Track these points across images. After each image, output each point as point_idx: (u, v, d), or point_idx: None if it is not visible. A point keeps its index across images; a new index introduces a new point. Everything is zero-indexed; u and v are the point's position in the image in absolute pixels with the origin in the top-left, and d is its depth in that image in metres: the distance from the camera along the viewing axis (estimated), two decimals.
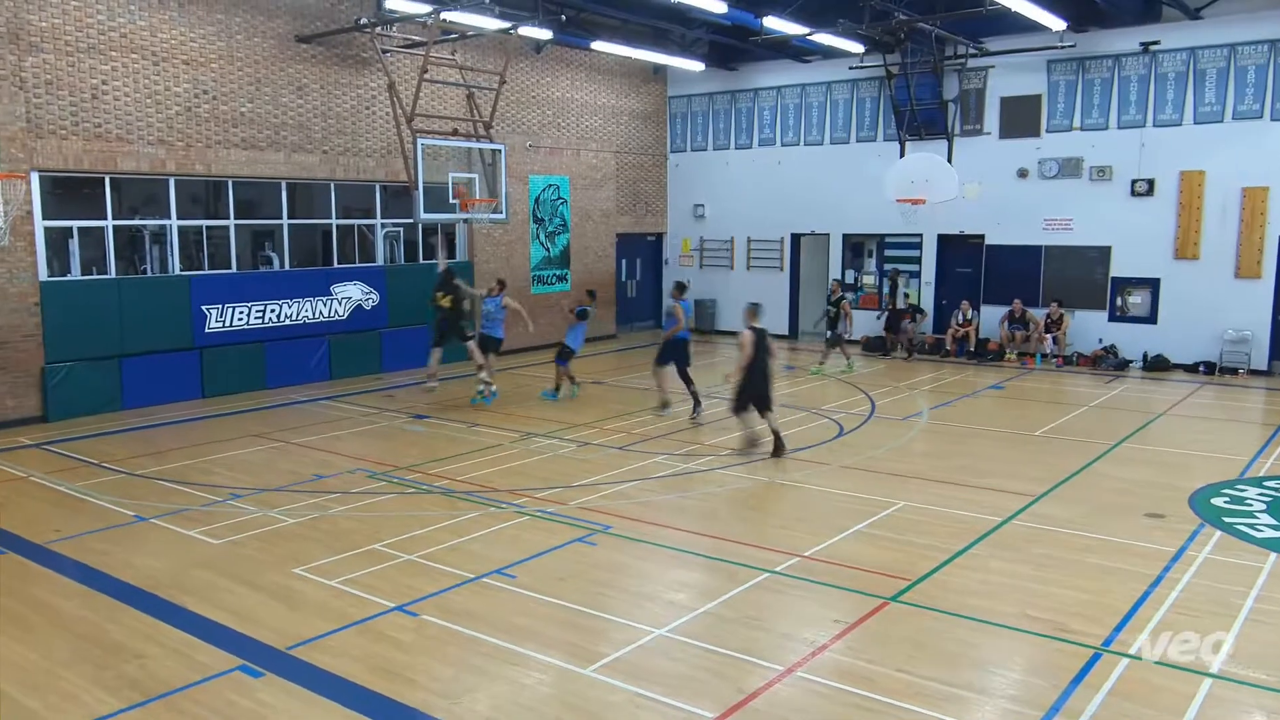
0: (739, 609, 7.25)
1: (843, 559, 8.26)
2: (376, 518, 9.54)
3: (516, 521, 9.40)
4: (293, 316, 16.98)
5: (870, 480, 10.81)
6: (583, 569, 8.10)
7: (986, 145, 20.35)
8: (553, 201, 22.06)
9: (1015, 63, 19.70)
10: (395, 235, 19.06)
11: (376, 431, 13.60)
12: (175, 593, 7.61)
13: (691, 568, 8.30)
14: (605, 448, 12.43)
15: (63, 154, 13.96)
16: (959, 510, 9.65)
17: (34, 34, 13.53)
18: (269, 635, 6.81)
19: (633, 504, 9.99)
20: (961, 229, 20.89)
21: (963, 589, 7.62)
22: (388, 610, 7.21)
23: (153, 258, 15.65)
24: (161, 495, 10.34)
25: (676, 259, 25.41)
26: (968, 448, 12.55)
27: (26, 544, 8.81)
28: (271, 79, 16.37)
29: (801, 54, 22.09)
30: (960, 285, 21.13)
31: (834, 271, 22.85)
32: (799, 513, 9.80)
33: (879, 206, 20.16)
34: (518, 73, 20.39)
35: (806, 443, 12.60)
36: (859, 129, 22.19)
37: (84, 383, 14.33)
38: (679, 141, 25.08)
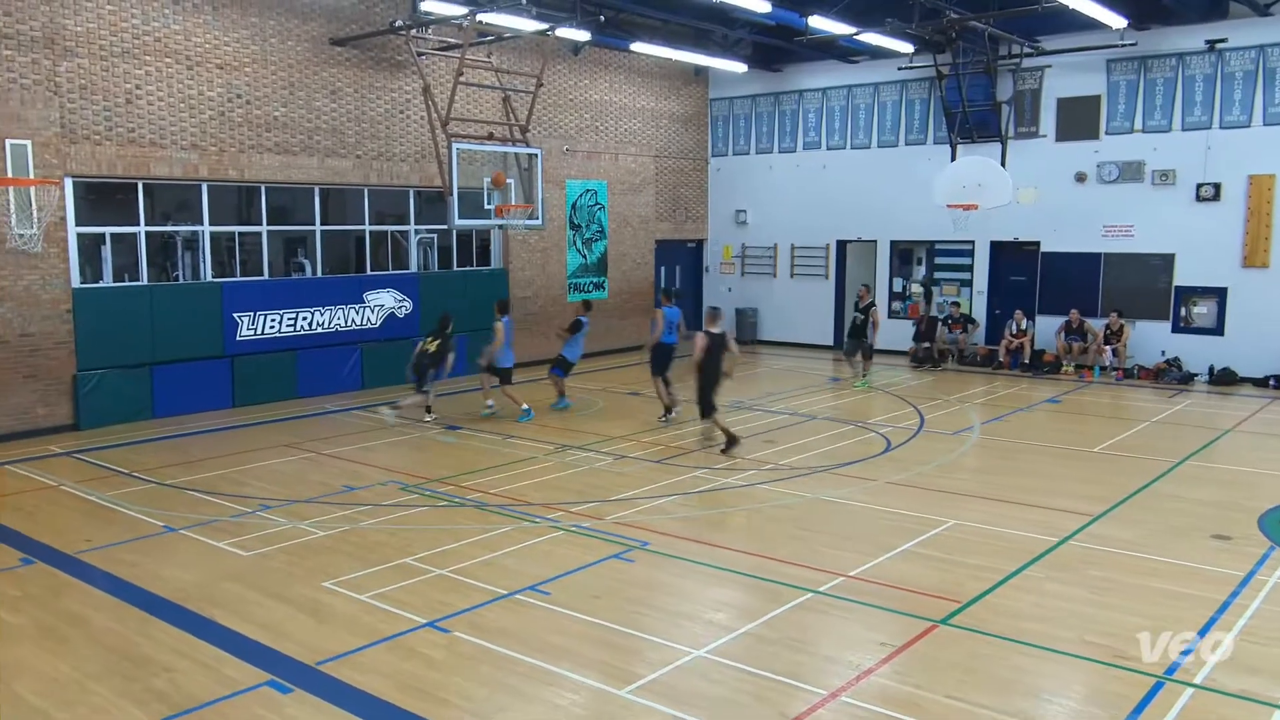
0: (781, 630, 7.21)
1: (889, 579, 8.19)
2: (408, 531, 9.61)
3: (551, 536, 9.42)
4: (325, 324, 17.19)
5: (919, 497, 10.71)
6: (619, 586, 8.09)
7: (1042, 148, 20.14)
8: (590, 207, 22.16)
9: (1073, 62, 19.49)
10: (429, 242, 19.25)
11: (409, 442, 13.72)
12: (204, 605, 7.71)
13: (731, 586, 8.26)
14: (642, 461, 12.43)
15: (96, 160, 14.27)
16: (1012, 530, 9.53)
17: (69, 39, 13.86)
18: (298, 650, 6.88)
19: (671, 520, 9.98)
20: (1016, 236, 20.68)
21: (1016, 612, 7.51)
22: (419, 626, 7.25)
23: (185, 264, 15.94)
24: (191, 506, 10.50)
25: (717, 266, 25.39)
26: (1022, 464, 12.39)
27: (57, 554, 8.98)
28: (305, 83, 16.62)
29: (848, 54, 22.01)
30: (1014, 294, 20.90)
31: (881, 281, 22.71)
32: (844, 530, 9.72)
33: (928, 212, 20.01)
34: (555, 75, 20.52)
35: (852, 458, 12.51)
36: (908, 132, 22.06)
37: (115, 391, 14.61)
38: (720, 145, 25.08)
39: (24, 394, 13.81)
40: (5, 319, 13.54)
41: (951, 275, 21.93)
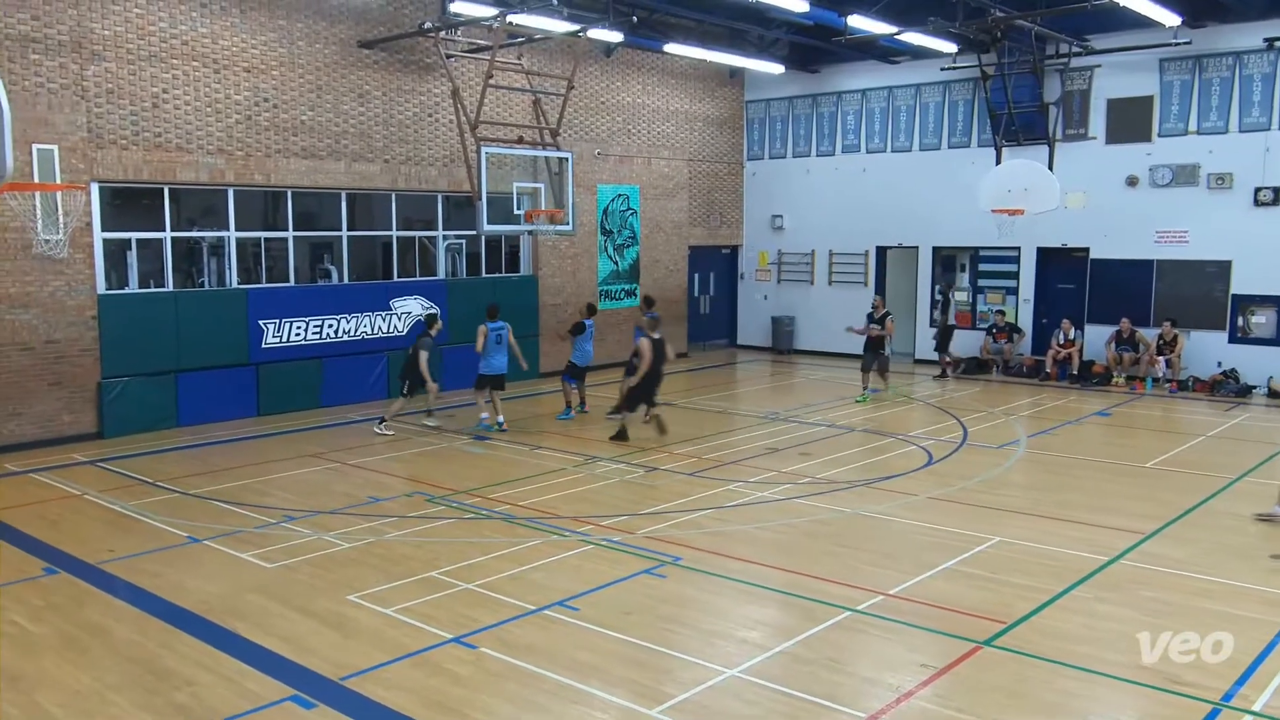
0: (817, 650, 7.17)
1: (931, 598, 8.12)
2: (434, 543, 9.66)
3: (580, 550, 9.43)
4: (351, 332, 17.35)
5: (962, 513, 10.62)
6: (650, 603, 8.08)
7: (1092, 151, 19.95)
8: (622, 212, 22.21)
9: (1124, 61, 19.30)
10: (457, 248, 19.38)
11: (435, 453, 13.79)
12: (227, 618, 7.79)
13: (766, 604, 8.23)
14: (675, 474, 12.41)
15: (122, 164, 14.51)
16: (1060, 548, 9.42)
17: (96, 42, 14.11)
18: (321, 665, 6.93)
19: (704, 534, 9.96)
20: (1064, 241, 20.49)
21: (1064, 634, 7.42)
22: (445, 641, 7.28)
23: (210, 270, 16.15)
24: (215, 516, 10.62)
25: (753, 274, 25.36)
26: (1070, 480, 12.25)
27: (80, 564, 9.12)
28: (333, 86, 16.82)
29: (889, 54, 21.94)
30: (1062, 302, 20.70)
31: (923, 288, 22.58)
32: (883, 547, 9.66)
33: (972, 217, 19.87)
34: (586, 77, 20.61)
35: (892, 472, 12.43)
36: (951, 134, 21.93)
37: (140, 399, 14.82)
38: (756, 148, 25.07)
39: (49, 401, 14.04)
40: (31, 325, 13.79)
41: (996, 283, 21.76)
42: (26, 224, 13.09)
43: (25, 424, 13.83)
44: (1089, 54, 19.42)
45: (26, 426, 13.84)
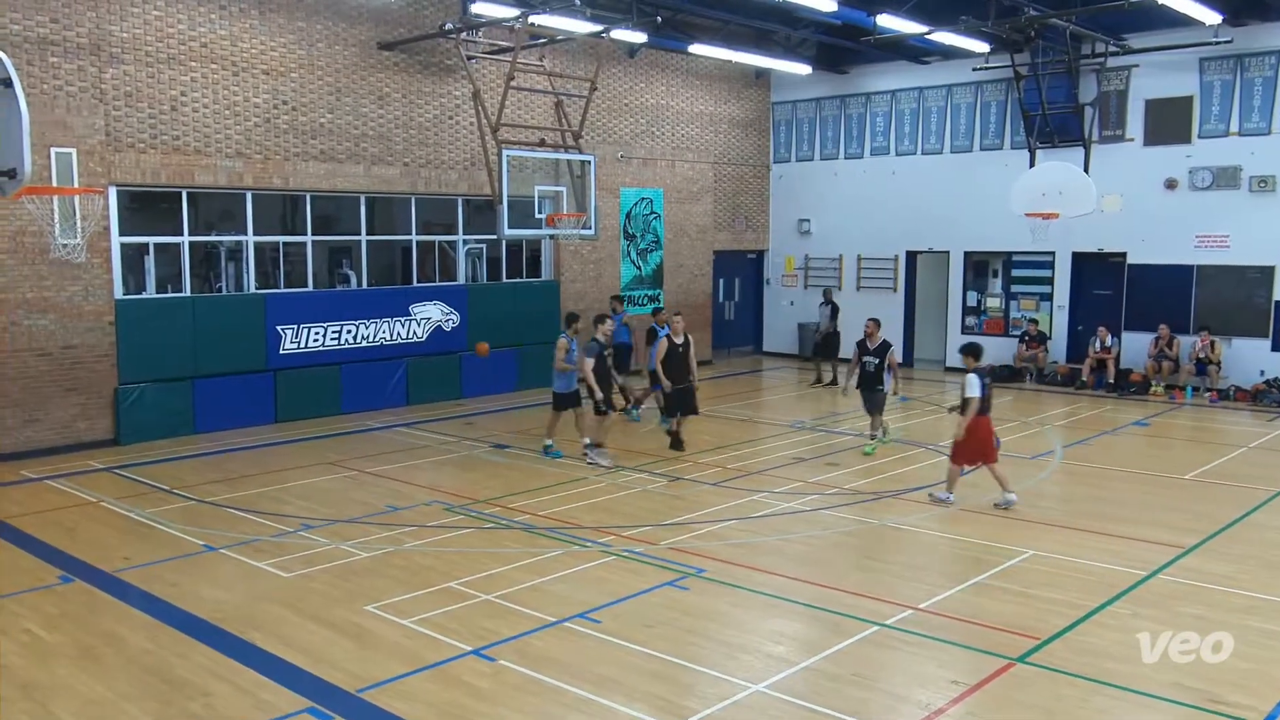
0: (845, 665, 7.13)
1: (962, 613, 8.07)
2: (453, 554, 9.68)
3: (602, 562, 9.43)
4: (369, 338, 17.44)
5: (994, 525, 10.54)
6: (673, 615, 8.07)
7: (1129, 153, 19.80)
8: (645, 216, 22.24)
9: (1162, 61, 19.14)
10: (478, 252, 19.45)
11: (455, 461, 13.84)
12: (244, 628, 7.84)
13: (792, 618, 8.20)
14: (699, 483, 12.39)
15: (140, 168, 14.67)
16: (1096, 562, 9.34)
17: (115, 45, 14.28)
18: (339, 676, 6.96)
19: (728, 546, 9.93)
20: (1100, 246, 20.33)
21: (1100, 651, 7.35)
22: (464, 654, 7.30)
23: (228, 275, 16.29)
24: (232, 524, 10.69)
25: (779, 279, 25.31)
26: (1107, 491, 12.15)
27: (95, 572, 9.20)
28: (352, 88, 16.94)
29: (919, 54, 21.87)
30: (1098, 309, 20.53)
31: (954, 295, 22.44)
32: (913, 559, 9.61)
33: (1005, 221, 19.74)
34: (609, 79, 20.67)
35: (921, 482, 12.36)
36: (983, 136, 21.83)
37: (156, 405, 14.95)
38: (783, 151, 25.04)
39: (66, 407, 14.19)
40: (48, 330, 13.95)
41: (1030, 289, 21.61)
42: (44, 228, 13.23)
43: (42, 430, 13.98)
44: (1126, 53, 19.28)
45: (43, 432, 14.00)
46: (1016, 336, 21.25)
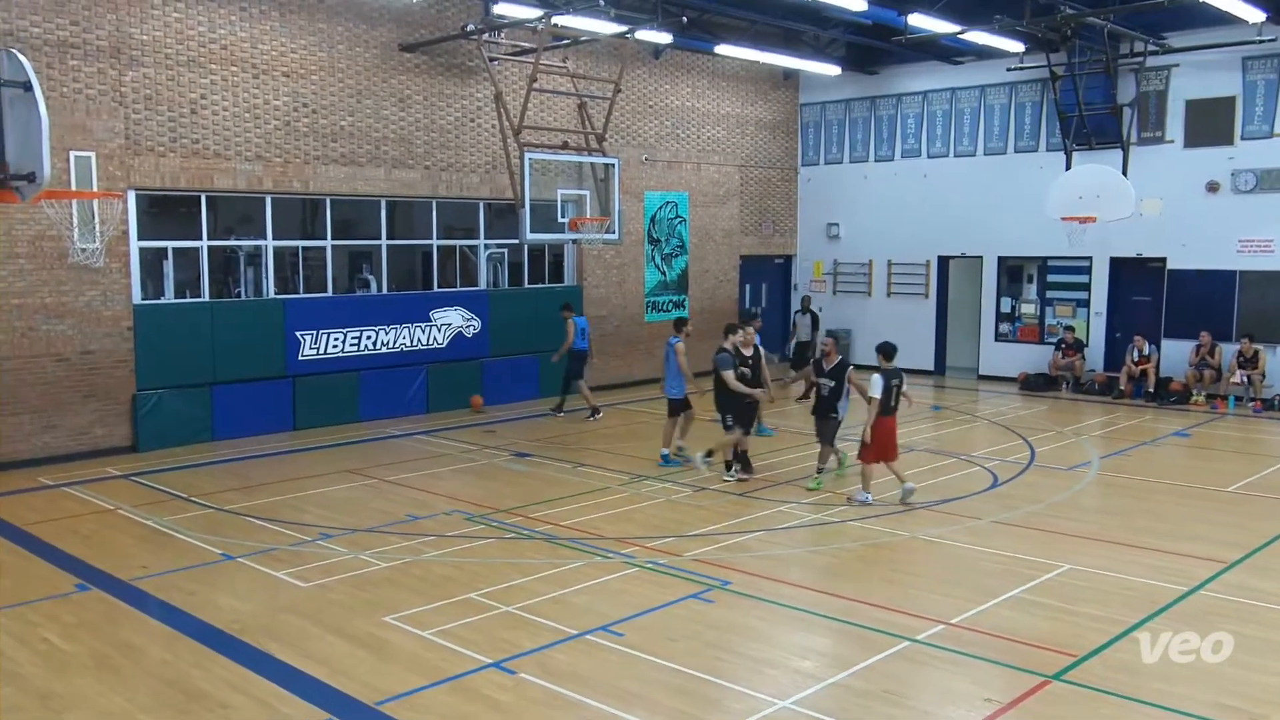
0: (874, 681, 7.09)
1: (996, 628, 8.01)
2: (473, 564, 9.71)
3: (625, 573, 9.43)
4: (389, 344, 17.53)
5: (1029, 539, 10.47)
6: (697, 629, 8.06)
7: (1169, 155, 19.65)
8: (670, 220, 22.25)
9: (1203, 60, 19.00)
10: (499, 257, 19.52)
11: (475, 470, 13.88)
12: (262, 638, 7.89)
13: (820, 632, 8.17)
14: (724, 494, 12.37)
15: (160, 171, 14.82)
16: (1135, 577, 9.25)
17: (135, 47, 14.45)
18: (357, 688, 6.99)
19: (754, 558, 9.91)
20: (1138, 251, 20.19)
21: (1139, 669, 7.28)
22: (483, 666, 7.31)
23: (247, 280, 16.43)
24: (250, 533, 10.77)
25: (807, 284, 25.25)
26: (1146, 504, 12.04)
27: (113, 580, 9.29)
28: (373, 90, 17.05)
29: (951, 54, 21.79)
30: (1137, 316, 20.38)
31: (987, 300, 22.31)
32: (945, 573, 9.55)
33: (1040, 226, 19.63)
34: (634, 80, 20.71)
35: (954, 494, 12.29)
36: (1018, 138, 21.72)
37: (174, 412, 15.08)
38: (811, 154, 25.00)
39: (83, 414, 14.34)
40: (66, 336, 14.11)
41: (1066, 295, 21.47)
42: (63, 232, 13.41)
43: (60, 436, 14.14)
44: (1166, 53, 19.13)
45: (61, 439, 14.15)
46: (1052, 344, 21.12)
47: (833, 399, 12.72)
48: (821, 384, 12.80)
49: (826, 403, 12.80)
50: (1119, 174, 18.75)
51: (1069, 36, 18.86)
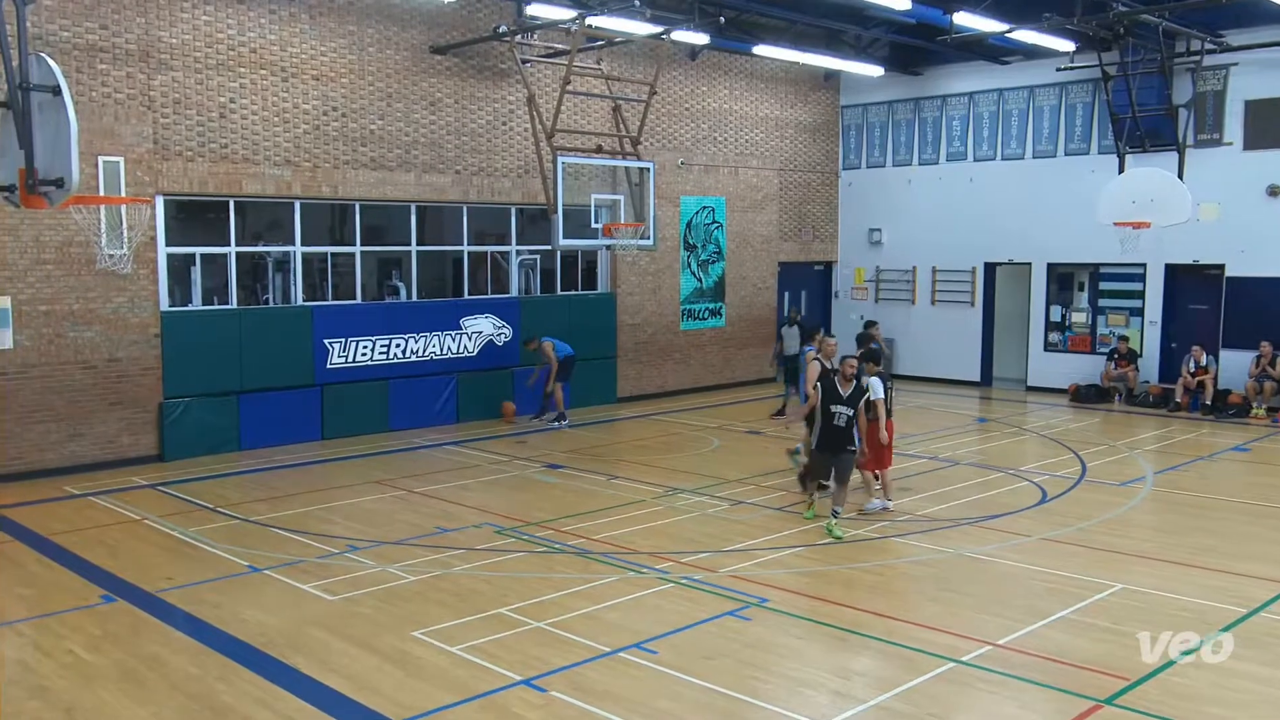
0: (918, 704, 7.04)
1: (1045, 650, 7.93)
2: (503, 578, 9.73)
3: (659, 589, 9.42)
4: (419, 352, 17.64)
5: (1080, 556, 10.35)
6: (734, 647, 8.03)
7: (1227, 158, 19.42)
8: (706, 226, 22.25)
9: (1264, 59, 18.78)
10: (531, 263, 19.60)
11: (506, 482, 13.93)
12: (288, 652, 7.95)
13: (861, 652, 8.12)
14: (762, 508, 12.33)
15: (188, 176, 15.02)
16: (1192, 597, 9.12)
17: (164, 51, 14.66)
18: (385, 705, 7.02)
19: (793, 574, 9.87)
20: (1195, 258, 19.94)
21: (1196, 694, 7.18)
22: (513, 684, 7.32)
23: (275, 287, 16.60)
24: (276, 544, 10.86)
25: (848, 291, 25.16)
26: (1204, 522, 11.88)
27: (138, 591, 9.40)
28: (403, 93, 17.20)
29: (999, 54, 21.66)
30: (1194, 325, 20.13)
31: (1036, 308, 22.11)
32: (992, 592, 9.46)
33: (1092, 231, 19.43)
34: (669, 82, 20.74)
35: (1001, 509, 12.17)
36: (1068, 140, 21.54)
37: (201, 421, 15.25)
38: (853, 157, 24.92)
39: (110, 422, 14.54)
40: (93, 343, 14.32)
41: (1119, 303, 21.24)
42: (91, 238, 13.60)
43: (86, 445, 14.34)
44: (1224, 51, 18.92)
45: (87, 448, 14.35)
46: (1104, 354, 20.89)
47: (849, 429, 11.18)
48: (837, 412, 11.12)
49: (843, 434, 11.16)
50: (1174, 178, 18.52)
51: (1122, 35, 18.68)
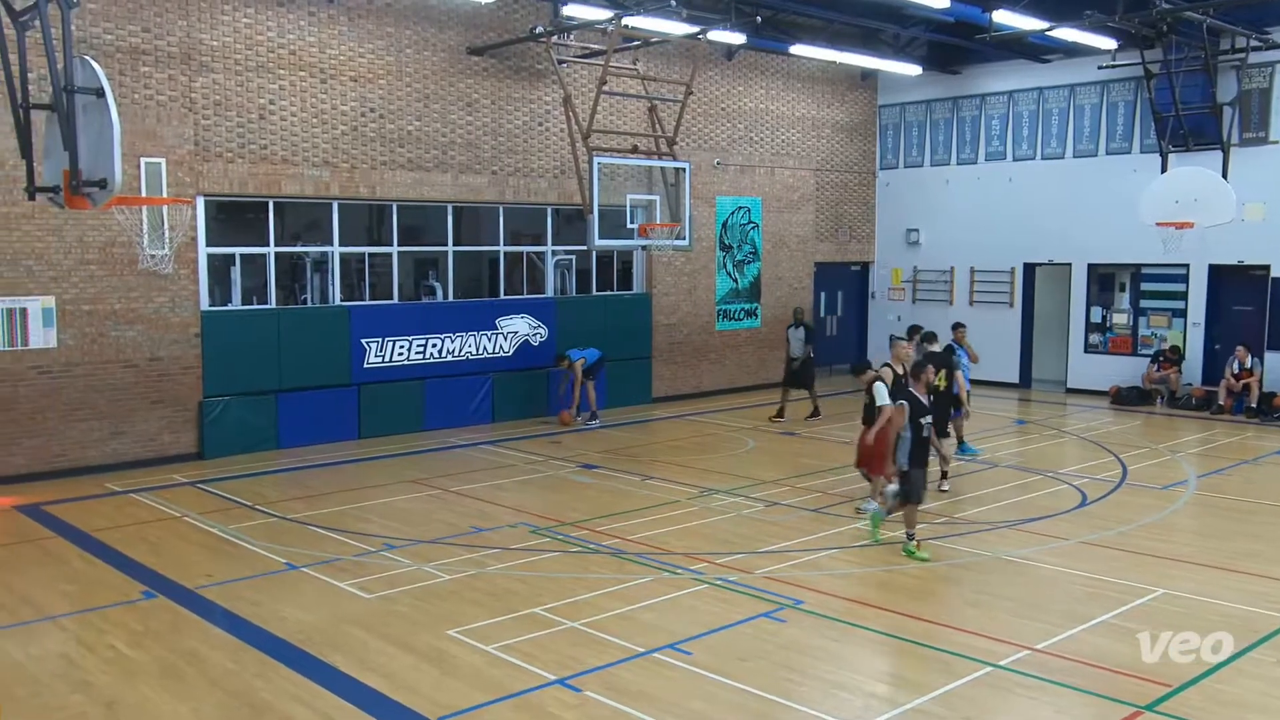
0: (954, 708, 7.00)
1: (1084, 655, 7.86)
2: (538, 578, 9.78)
3: (694, 590, 9.42)
4: (455, 352, 17.75)
5: (1120, 561, 10.25)
6: (768, 649, 8.03)
7: (1274, 156, 19.15)
8: (742, 226, 22.22)
9: None
10: (567, 264, 19.67)
11: (541, 482, 13.99)
12: (326, 650, 8.04)
13: (896, 655, 8.09)
14: (797, 509, 12.31)
15: (228, 177, 15.21)
16: (1235, 603, 9.00)
17: (205, 53, 14.86)
18: (420, 703, 7.08)
19: (828, 576, 9.84)
20: (1240, 259, 19.68)
21: (1240, 701, 7.09)
22: (548, 683, 7.36)
23: (313, 287, 16.76)
24: (314, 542, 10.97)
25: (885, 292, 25.03)
26: (1248, 526, 11.72)
27: (178, 588, 9.54)
28: (440, 95, 17.31)
29: (1039, 52, 21.47)
30: (1238, 327, 19.84)
31: (1076, 309, 21.89)
32: (1030, 596, 9.38)
33: (1134, 231, 19.26)
34: (706, 82, 20.74)
35: (1040, 512, 12.07)
36: (1109, 139, 21.32)
37: (240, 420, 15.43)
38: (890, 157, 24.80)
39: (151, 420, 14.75)
40: (135, 342, 14.53)
41: (1161, 304, 20.99)
42: (133, 239, 13.81)
43: (127, 443, 14.55)
44: (1270, 48, 18.66)
45: (129, 445, 14.56)
46: (1147, 356, 20.66)
47: (928, 441, 10.44)
48: (925, 424, 10.33)
49: (925, 447, 10.40)
50: (1219, 177, 18.32)
51: (1165, 32, 18.50)
